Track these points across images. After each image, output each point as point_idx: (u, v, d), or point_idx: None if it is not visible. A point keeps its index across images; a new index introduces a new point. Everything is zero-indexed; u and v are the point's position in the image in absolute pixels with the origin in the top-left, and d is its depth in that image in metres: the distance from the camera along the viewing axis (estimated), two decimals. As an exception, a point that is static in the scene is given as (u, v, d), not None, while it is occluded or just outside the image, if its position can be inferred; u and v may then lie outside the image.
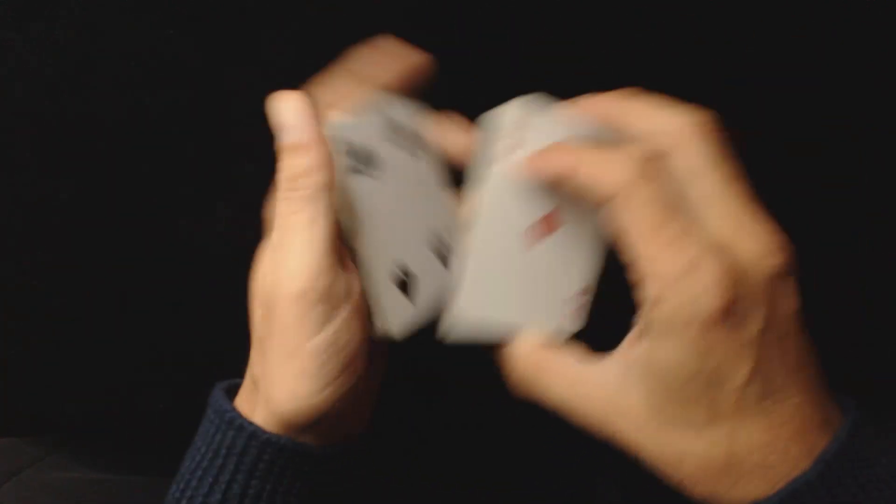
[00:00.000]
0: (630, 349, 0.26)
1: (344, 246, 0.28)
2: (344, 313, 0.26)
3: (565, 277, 0.28)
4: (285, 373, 0.26)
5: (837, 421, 0.25)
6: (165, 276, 0.41)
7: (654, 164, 0.24)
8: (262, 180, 0.39)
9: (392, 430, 0.46)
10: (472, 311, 0.28)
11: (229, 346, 0.41)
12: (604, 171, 0.24)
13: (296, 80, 0.38)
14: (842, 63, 0.37)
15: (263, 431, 0.27)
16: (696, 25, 0.37)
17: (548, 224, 0.28)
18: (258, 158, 0.39)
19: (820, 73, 0.37)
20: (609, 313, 0.27)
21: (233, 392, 0.30)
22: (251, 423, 0.27)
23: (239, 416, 0.28)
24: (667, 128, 0.25)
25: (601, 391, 0.25)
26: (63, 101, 0.38)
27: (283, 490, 0.28)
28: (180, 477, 0.29)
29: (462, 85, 0.38)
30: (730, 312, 0.22)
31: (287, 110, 0.26)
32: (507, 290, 0.28)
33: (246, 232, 0.40)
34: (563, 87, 0.38)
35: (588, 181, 0.24)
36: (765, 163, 0.39)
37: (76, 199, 0.39)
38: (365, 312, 0.28)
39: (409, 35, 0.37)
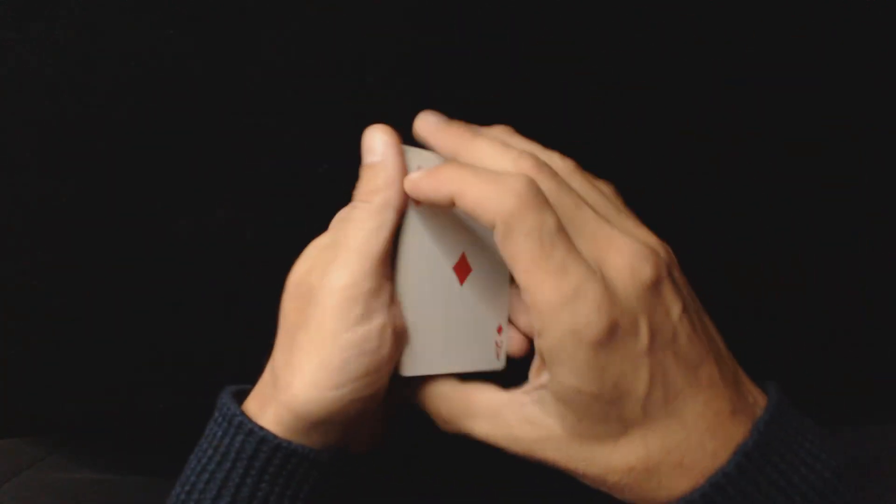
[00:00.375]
0: (536, 377, 0.27)
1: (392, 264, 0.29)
2: (379, 321, 0.27)
3: (490, 314, 0.30)
4: (310, 361, 0.27)
5: (760, 406, 0.25)
6: (165, 276, 0.41)
7: (536, 192, 0.24)
8: (262, 181, 0.39)
9: (395, 432, 0.46)
10: (421, 348, 0.29)
11: (229, 346, 0.41)
12: (488, 198, 0.24)
13: (296, 80, 0.38)
14: (842, 63, 0.37)
15: (274, 436, 0.27)
16: (696, 25, 0.37)
17: (464, 263, 0.29)
18: (258, 159, 0.39)
19: (820, 73, 0.37)
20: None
21: (240, 396, 0.30)
22: (262, 428, 0.28)
23: (249, 420, 0.28)
24: (504, 168, 0.26)
25: (520, 420, 0.26)
26: (63, 101, 0.38)
27: (291, 494, 0.28)
28: (185, 479, 0.29)
29: (462, 84, 0.38)
30: (612, 333, 0.23)
31: (375, 136, 0.29)
32: (447, 325, 0.29)
33: (245, 232, 0.40)
34: (562, 87, 0.38)
35: (473, 206, 0.25)
36: (765, 163, 0.39)
37: (76, 199, 0.39)
38: (399, 332, 0.28)
39: (410, 35, 0.37)
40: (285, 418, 0.27)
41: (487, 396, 0.28)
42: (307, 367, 0.27)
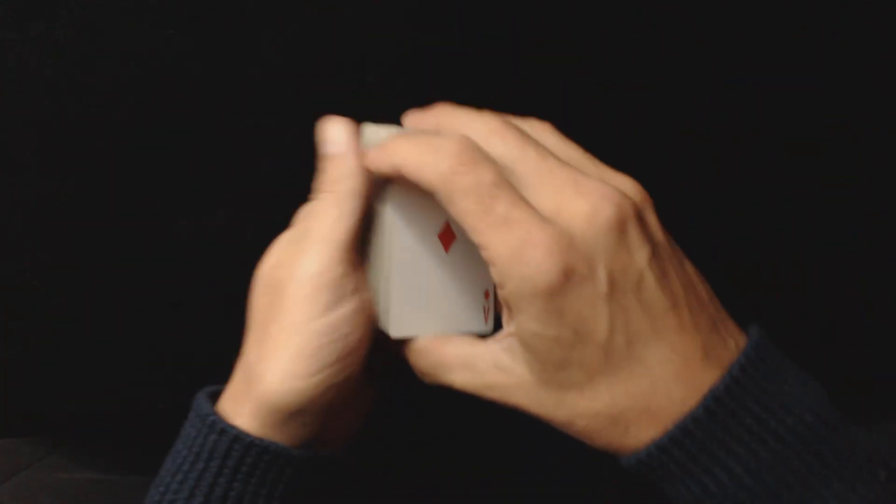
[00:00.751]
0: (507, 326, 0.27)
1: (362, 249, 0.30)
2: (349, 306, 0.28)
3: (476, 279, 0.31)
4: (284, 351, 0.27)
5: (736, 350, 0.25)
6: (165, 276, 0.41)
7: (471, 149, 0.25)
8: (262, 181, 0.39)
9: (390, 433, 0.46)
10: (409, 311, 0.29)
11: (229, 346, 0.41)
12: (425, 164, 0.25)
13: (296, 80, 0.38)
14: (842, 63, 0.37)
15: (247, 434, 0.27)
16: (697, 25, 0.37)
17: (448, 231, 0.30)
18: (258, 159, 0.39)
19: (820, 73, 0.38)
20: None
21: (216, 397, 0.30)
22: (234, 427, 0.28)
23: (222, 420, 0.28)
24: (475, 132, 0.26)
25: (493, 368, 0.27)
26: (63, 101, 0.38)
27: (266, 493, 0.28)
28: (159, 480, 0.29)
29: (462, 84, 0.38)
30: (568, 277, 0.23)
31: (332, 128, 0.29)
32: (434, 290, 0.30)
33: (245, 232, 0.40)
34: (562, 87, 0.38)
35: (415, 175, 0.26)
36: (765, 163, 0.39)
37: (76, 199, 0.39)
38: (370, 316, 0.29)
39: (410, 35, 0.37)
40: (262, 412, 0.28)
41: (462, 348, 0.28)
42: (281, 358, 0.27)
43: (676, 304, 0.24)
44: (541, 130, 0.28)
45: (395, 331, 0.29)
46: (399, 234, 0.29)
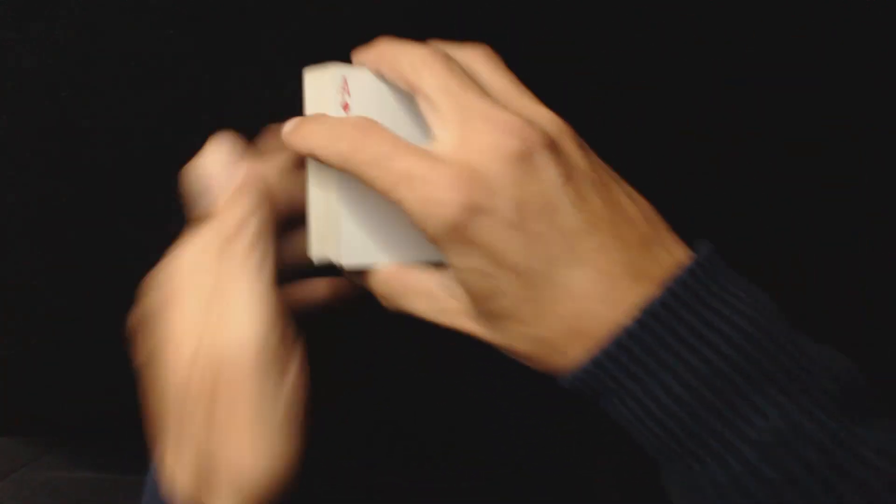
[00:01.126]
0: None
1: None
2: (296, 361, 0.28)
3: None
4: (252, 440, 0.26)
5: (673, 266, 0.25)
6: (165, 276, 0.41)
7: (364, 127, 0.26)
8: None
9: (391, 427, 0.46)
10: (359, 240, 0.29)
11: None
12: (328, 148, 0.27)
13: (296, 80, 0.38)
14: (842, 63, 0.37)
15: None
16: (697, 25, 0.37)
17: None
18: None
19: (820, 73, 0.38)
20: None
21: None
22: None
23: None
24: (408, 64, 0.27)
25: (447, 295, 0.28)
26: (63, 101, 0.38)
27: None
28: None
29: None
30: (473, 210, 0.24)
31: (203, 173, 0.30)
32: (385, 218, 0.30)
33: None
34: (562, 87, 0.38)
35: (325, 160, 0.27)
36: (765, 163, 0.39)
37: (76, 199, 0.39)
38: (300, 344, 0.29)
39: (409, 35, 0.37)
40: (240, 499, 0.27)
41: (421, 277, 0.29)
42: (252, 446, 0.26)
43: (597, 226, 0.25)
44: (475, 58, 0.28)
45: (347, 259, 0.29)
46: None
